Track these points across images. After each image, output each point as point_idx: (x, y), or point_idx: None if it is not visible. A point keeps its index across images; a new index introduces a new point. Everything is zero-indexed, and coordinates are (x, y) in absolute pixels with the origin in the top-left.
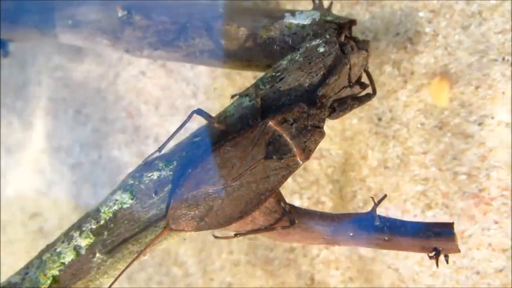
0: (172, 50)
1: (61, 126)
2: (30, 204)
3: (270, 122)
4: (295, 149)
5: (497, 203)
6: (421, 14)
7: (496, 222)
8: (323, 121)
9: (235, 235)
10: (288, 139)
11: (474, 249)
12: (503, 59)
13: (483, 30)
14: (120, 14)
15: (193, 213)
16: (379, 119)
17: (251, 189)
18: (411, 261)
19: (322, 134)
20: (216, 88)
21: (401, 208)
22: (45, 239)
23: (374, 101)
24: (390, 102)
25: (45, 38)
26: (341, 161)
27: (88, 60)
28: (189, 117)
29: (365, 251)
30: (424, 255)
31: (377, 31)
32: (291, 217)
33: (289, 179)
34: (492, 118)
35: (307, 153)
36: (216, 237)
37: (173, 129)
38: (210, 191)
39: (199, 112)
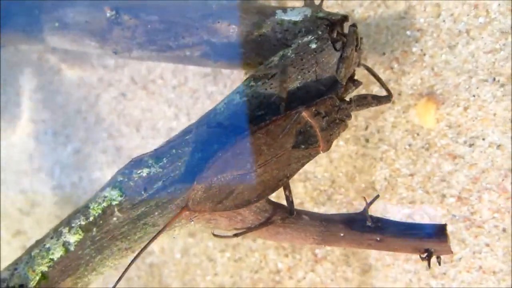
0: (162, 50)
1: (41, 148)
2: (13, 223)
3: (304, 113)
4: (321, 141)
5: (489, 226)
6: (408, 33)
7: (487, 245)
8: (350, 116)
9: (234, 235)
10: (318, 131)
11: (464, 272)
12: (494, 79)
13: (471, 49)
14: (108, 14)
15: (213, 195)
16: (367, 140)
17: (272, 175)
18: (400, 284)
19: (346, 127)
20: (198, 108)
21: None
22: None
23: (361, 121)
24: (378, 123)
25: (32, 42)
26: (327, 183)
27: (68, 82)
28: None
29: (352, 274)
30: (413, 279)
31: (363, 50)
32: (291, 207)
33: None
34: (483, 139)
35: (329, 145)
36: (215, 235)
37: None
38: (236, 175)
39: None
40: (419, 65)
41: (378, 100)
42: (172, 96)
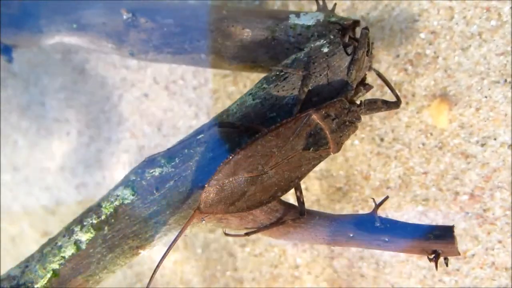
0: (177, 52)
1: (65, 147)
2: (39, 221)
3: (314, 115)
4: (331, 143)
5: (501, 223)
6: (422, 35)
7: (499, 242)
8: (360, 118)
9: (245, 234)
10: (328, 134)
11: (477, 269)
12: (505, 81)
13: (483, 51)
14: (125, 17)
15: (226, 197)
16: (381, 140)
17: (283, 177)
18: (414, 280)
19: (355, 129)
20: (219, 108)
21: None
22: None
23: (376, 121)
24: (392, 123)
25: (50, 43)
26: (342, 181)
27: (92, 82)
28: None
29: (368, 270)
30: (427, 275)
31: (377, 52)
32: (302, 208)
33: (290, 198)
34: (495, 139)
35: (339, 147)
36: (227, 234)
37: None
38: (247, 177)
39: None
40: (433, 67)
41: (387, 105)
42: (193, 96)
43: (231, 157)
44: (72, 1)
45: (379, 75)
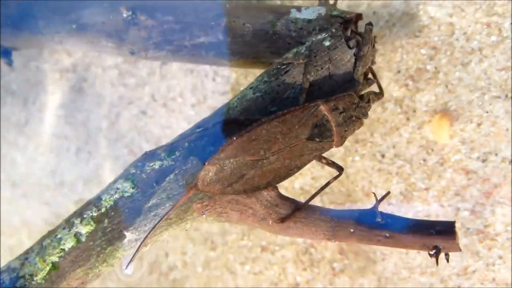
0: (178, 49)
1: (64, 163)
2: (38, 232)
3: (322, 106)
4: (335, 136)
5: (502, 239)
6: (423, 51)
7: (500, 257)
8: (367, 115)
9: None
10: (334, 126)
11: (477, 284)
12: (506, 96)
13: (484, 67)
14: (124, 15)
15: (224, 178)
16: (383, 156)
17: (284, 164)
18: None
19: (361, 125)
20: None
21: None
22: None
23: (377, 137)
24: (393, 139)
25: (50, 44)
26: (343, 198)
27: (89, 100)
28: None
29: (369, 287)
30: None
31: (378, 68)
32: (338, 165)
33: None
34: (496, 155)
35: (343, 141)
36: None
37: None
38: (248, 160)
39: None
40: (433, 82)
41: (378, 97)
42: (192, 113)
43: (235, 138)
44: (71, 1)
45: (371, 70)
